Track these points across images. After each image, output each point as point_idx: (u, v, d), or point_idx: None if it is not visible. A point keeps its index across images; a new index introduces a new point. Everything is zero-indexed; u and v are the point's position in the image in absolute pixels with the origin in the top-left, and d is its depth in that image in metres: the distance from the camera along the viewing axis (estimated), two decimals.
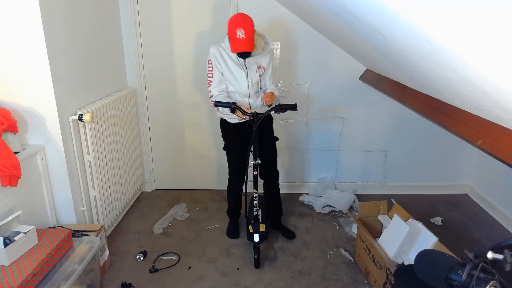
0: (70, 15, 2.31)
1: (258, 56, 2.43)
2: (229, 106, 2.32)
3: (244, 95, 2.50)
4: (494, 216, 3.10)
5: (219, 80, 2.47)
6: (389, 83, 2.60)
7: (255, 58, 2.43)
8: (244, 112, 2.33)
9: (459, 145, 3.25)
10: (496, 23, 0.82)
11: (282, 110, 2.36)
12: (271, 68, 2.53)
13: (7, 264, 1.71)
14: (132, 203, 3.32)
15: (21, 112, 2.15)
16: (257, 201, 2.53)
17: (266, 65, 2.49)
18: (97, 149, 2.51)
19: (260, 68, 2.48)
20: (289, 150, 3.44)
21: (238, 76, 2.44)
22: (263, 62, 2.47)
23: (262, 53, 2.44)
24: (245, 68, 2.43)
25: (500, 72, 1.02)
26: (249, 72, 2.44)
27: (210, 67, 2.48)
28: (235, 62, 2.43)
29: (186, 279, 2.38)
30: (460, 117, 1.63)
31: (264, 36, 2.48)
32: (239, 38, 2.25)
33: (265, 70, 2.50)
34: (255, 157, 2.44)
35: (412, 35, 1.27)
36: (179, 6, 3.08)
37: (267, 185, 2.78)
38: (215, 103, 2.37)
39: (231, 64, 2.43)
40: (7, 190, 1.94)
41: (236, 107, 2.32)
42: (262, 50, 2.45)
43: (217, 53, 2.44)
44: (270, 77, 2.55)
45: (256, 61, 2.45)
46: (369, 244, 2.26)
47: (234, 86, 2.48)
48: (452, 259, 1.16)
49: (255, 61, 2.44)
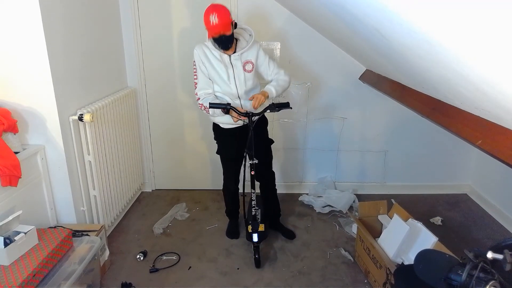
0: (70, 15, 2.31)
1: (243, 50, 2.33)
2: (224, 107, 2.28)
3: (234, 97, 2.42)
4: (494, 216, 3.10)
5: (204, 82, 2.42)
6: (389, 83, 2.60)
7: (239, 53, 2.33)
8: (239, 113, 2.29)
9: (459, 145, 3.25)
10: (496, 23, 0.83)
11: (276, 109, 2.33)
12: (263, 57, 2.41)
13: (7, 264, 1.71)
14: (132, 203, 3.32)
15: (21, 112, 2.15)
16: (254, 201, 2.52)
17: (254, 58, 2.38)
18: (97, 149, 2.51)
19: (248, 63, 2.36)
20: (289, 150, 3.44)
21: (224, 75, 2.35)
22: (249, 55, 2.37)
23: (246, 46, 2.34)
24: (230, 66, 2.34)
25: (500, 72, 1.02)
26: (235, 69, 2.35)
27: (194, 69, 2.43)
28: (219, 61, 2.33)
29: (186, 279, 2.39)
30: (460, 117, 1.63)
31: (247, 29, 2.39)
32: (212, 24, 2.14)
33: (254, 64, 2.39)
34: (251, 158, 2.41)
35: (412, 35, 1.28)
36: (179, 6, 3.08)
37: (264, 187, 2.76)
38: (210, 105, 2.29)
39: (215, 63, 2.34)
40: (7, 190, 1.94)
41: (231, 107, 2.29)
42: (246, 43, 2.35)
43: (201, 53, 2.36)
44: (268, 64, 2.42)
45: (241, 56, 2.34)
46: (369, 244, 2.26)
47: (221, 87, 2.40)
48: (452, 259, 1.16)
49: (240, 56, 2.34)
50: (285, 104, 2.36)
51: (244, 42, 2.37)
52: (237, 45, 2.36)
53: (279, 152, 3.39)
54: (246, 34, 2.39)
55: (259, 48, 2.41)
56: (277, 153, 2.74)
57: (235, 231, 2.87)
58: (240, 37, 2.37)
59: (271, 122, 2.88)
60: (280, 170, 3.44)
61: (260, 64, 2.44)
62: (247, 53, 2.37)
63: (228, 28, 2.19)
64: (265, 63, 2.43)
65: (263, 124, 2.62)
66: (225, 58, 2.34)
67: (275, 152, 2.80)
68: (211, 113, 2.38)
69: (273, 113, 2.87)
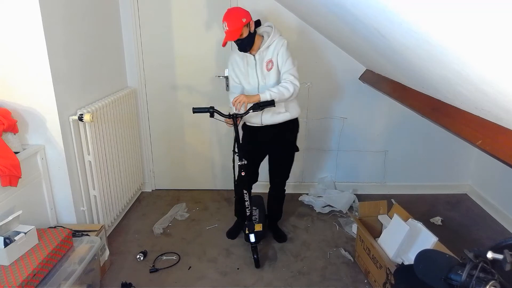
0: (70, 15, 2.31)
1: (261, 49, 2.34)
2: (207, 110, 2.29)
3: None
4: (494, 216, 3.10)
5: (233, 87, 2.49)
6: (389, 83, 2.60)
7: (259, 52, 2.34)
8: (223, 115, 2.31)
9: (459, 145, 3.25)
10: (496, 24, 0.83)
11: (260, 108, 2.28)
12: (282, 56, 2.33)
13: (7, 264, 1.71)
14: (132, 203, 3.32)
15: (21, 112, 2.15)
16: (248, 201, 2.49)
17: (274, 56, 2.34)
18: (97, 149, 2.51)
19: (269, 62, 2.35)
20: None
21: (248, 76, 2.41)
22: (269, 54, 2.35)
23: (264, 45, 2.33)
24: (254, 66, 2.38)
25: (500, 72, 1.02)
26: (258, 69, 2.38)
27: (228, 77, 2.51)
28: (245, 62, 2.40)
29: (186, 279, 2.39)
30: (460, 117, 1.63)
31: (271, 26, 2.38)
32: (225, 31, 2.24)
33: (273, 63, 2.35)
34: (240, 159, 2.39)
35: (412, 35, 1.28)
36: (179, 5, 3.08)
37: (273, 186, 2.74)
38: (193, 110, 2.30)
39: (242, 65, 2.42)
40: (7, 190, 1.94)
41: (215, 110, 2.29)
42: (266, 43, 2.34)
43: (232, 59, 2.47)
44: (283, 65, 2.33)
45: (262, 55, 2.35)
46: (369, 244, 2.26)
47: (246, 87, 2.45)
48: (452, 259, 1.16)
49: (260, 55, 2.35)
50: (269, 102, 2.25)
51: (264, 43, 2.37)
52: (262, 43, 2.37)
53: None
54: (267, 36, 2.39)
55: (281, 46, 2.34)
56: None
57: (234, 231, 2.86)
58: (265, 35, 2.39)
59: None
60: None
61: (278, 62, 2.37)
62: (265, 52, 2.36)
63: (239, 34, 2.22)
64: (281, 62, 2.35)
65: (289, 131, 2.55)
66: (250, 58, 2.38)
67: None
68: (242, 113, 2.32)
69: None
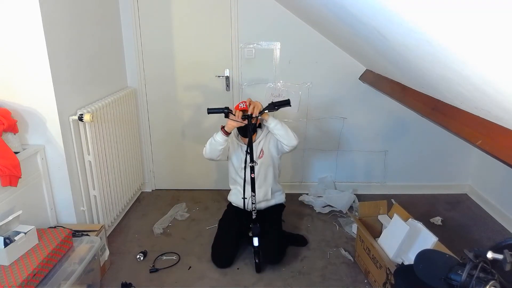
0: (70, 15, 2.31)
1: (258, 138, 2.51)
2: (222, 111, 2.29)
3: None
4: (494, 216, 3.10)
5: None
6: (389, 83, 2.60)
7: (257, 141, 2.51)
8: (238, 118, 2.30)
9: (459, 145, 3.25)
10: (496, 24, 0.83)
11: (275, 108, 2.28)
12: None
13: (7, 264, 1.71)
14: (132, 203, 3.32)
15: (21, 112, 2.15)
16: (255, 205, 2.44)
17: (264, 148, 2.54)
18: (97, 149, 2.51)
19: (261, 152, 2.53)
20: None
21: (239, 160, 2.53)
22: (260, 145, 2.53)
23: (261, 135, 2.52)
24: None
25: (500, 72, 1.02)
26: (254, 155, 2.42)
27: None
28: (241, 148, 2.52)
29: (186, 279, 2.38)
30: (460, 117, 1.63)
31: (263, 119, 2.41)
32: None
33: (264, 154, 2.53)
34: (252, 160, 2.36)
35: (412, 35, 1.28)
36: (180, 6, 3.08)
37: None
38: (208, 110, 2.32)
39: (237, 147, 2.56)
40: (7, 190, 1.94)
41: (230, 111, 2.29)
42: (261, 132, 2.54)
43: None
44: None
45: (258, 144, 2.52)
46: (369, 244, 2.26)
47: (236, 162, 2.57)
48: (452, 259, 1.16)
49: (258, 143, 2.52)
50: (285, 102, 2.28)
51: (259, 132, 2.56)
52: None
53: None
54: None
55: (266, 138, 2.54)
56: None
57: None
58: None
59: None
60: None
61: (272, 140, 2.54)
62: (260, 142, 2.54)
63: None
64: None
65: (275, 214, 2.65)
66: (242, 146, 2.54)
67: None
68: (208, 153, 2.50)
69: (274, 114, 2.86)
